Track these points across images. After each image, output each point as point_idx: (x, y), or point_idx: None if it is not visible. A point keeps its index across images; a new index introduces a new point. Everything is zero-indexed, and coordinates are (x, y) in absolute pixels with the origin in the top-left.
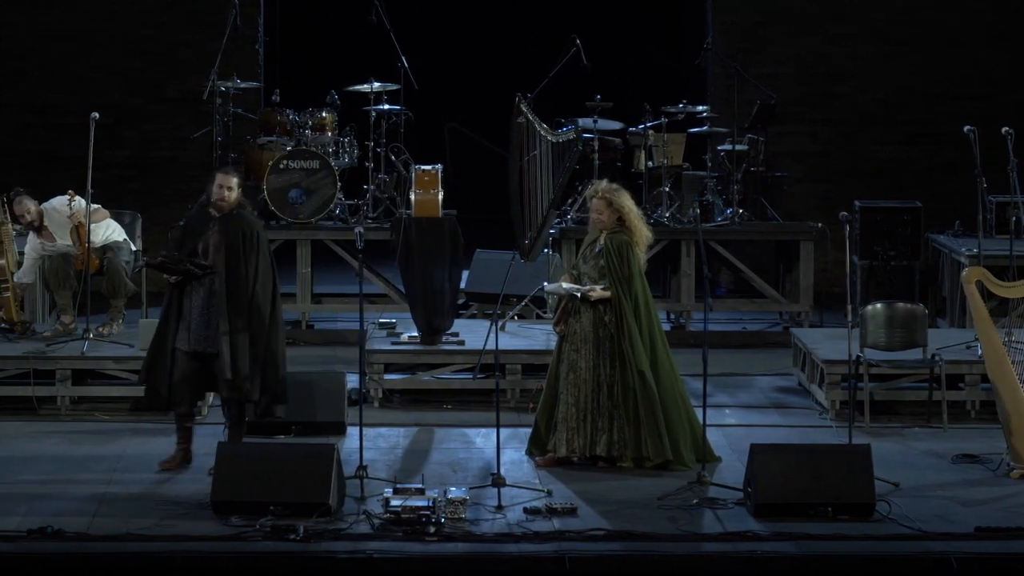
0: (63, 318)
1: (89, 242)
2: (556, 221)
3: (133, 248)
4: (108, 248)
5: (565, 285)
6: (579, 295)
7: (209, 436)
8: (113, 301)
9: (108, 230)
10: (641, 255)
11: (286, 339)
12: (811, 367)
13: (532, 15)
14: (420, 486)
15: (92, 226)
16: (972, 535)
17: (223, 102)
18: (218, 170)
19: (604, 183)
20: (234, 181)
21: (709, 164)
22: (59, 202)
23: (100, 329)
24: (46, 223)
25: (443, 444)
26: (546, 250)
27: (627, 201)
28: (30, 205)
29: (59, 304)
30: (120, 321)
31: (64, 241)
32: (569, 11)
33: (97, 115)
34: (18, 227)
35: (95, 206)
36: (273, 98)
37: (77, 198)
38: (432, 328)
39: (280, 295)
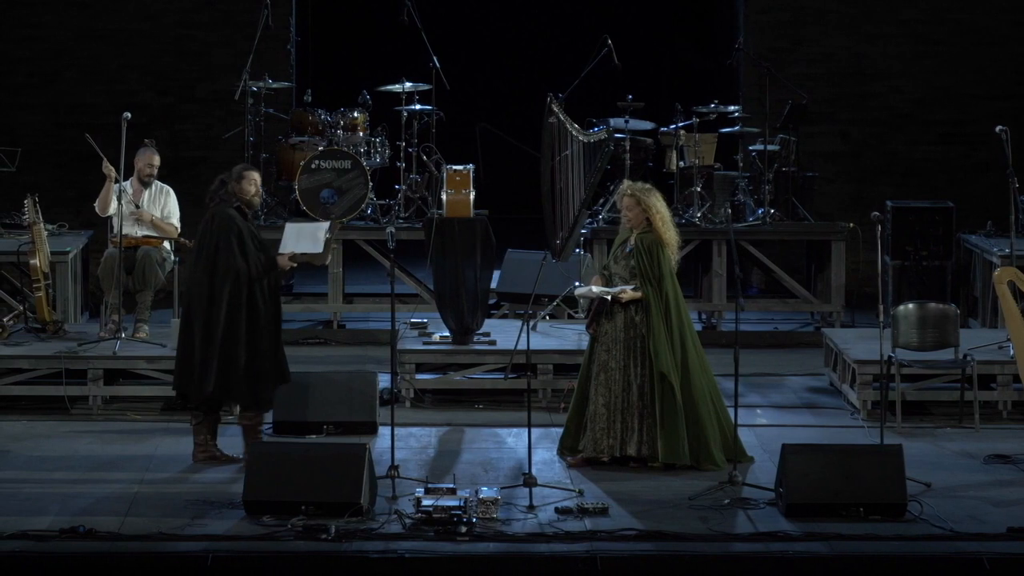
0: (115, 316)
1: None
2: (588, 221)
3: (168, 248)
4: (149, 238)
5: (595, 288)
6: (609, 297)
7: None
8: (139, 296)
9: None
10: (672, 256)
11: (319, 339)
12: (843, 367)
13: (563, 15)
14: (451, 486)
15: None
16: (1004, 535)
17: (255, 102)
18: (247, 169)
19: (637, 183)
20: None
21: (740, 164)
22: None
23: (135, 335)
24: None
25: (474, 444)
26: (578, 250)
27: (656, 202)
28: (155, 159)
29: (111, 303)
30: (147, 320)
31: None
32: (601, 11)
33: (129, 115)
34: (50, 227)
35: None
36: (305, 98)
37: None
38: (463, 328)
39: None
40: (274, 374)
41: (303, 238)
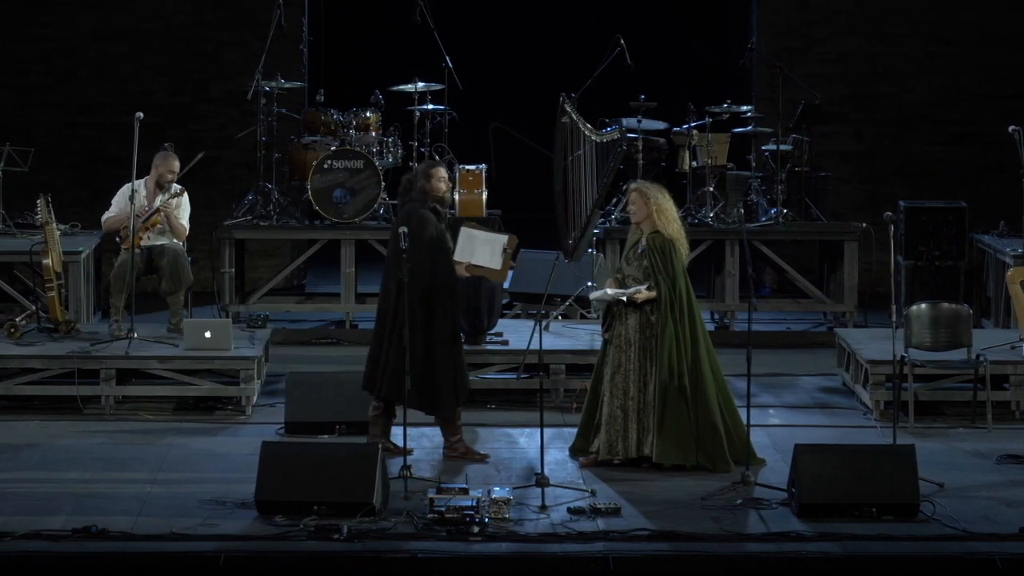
0: (117, 318)
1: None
2: (600, 221)
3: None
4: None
5: (610, 290)
6: (624, 298)
7: (255, 436)
8: (172, 299)
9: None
10: (683, 249)
11: (332, 339)
12: (855, 367)
13: (576, 15)
14: (464, 486)
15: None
16: (1017, 536)
17: (267, 102)
18: (433, 166)
19: (644, 180)
20: None
21: (753, 164)
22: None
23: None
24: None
25: (487, 444)
26: (590, 250)
27: (659, 196)
28: (175, 164)
29: (115, 306)
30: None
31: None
32: (613, 11)
33: (141, 115)
34: (62, 227)
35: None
36: (317, 98)
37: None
38: (476, 328)
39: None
40: (449, 383)
41: (479, 246)
